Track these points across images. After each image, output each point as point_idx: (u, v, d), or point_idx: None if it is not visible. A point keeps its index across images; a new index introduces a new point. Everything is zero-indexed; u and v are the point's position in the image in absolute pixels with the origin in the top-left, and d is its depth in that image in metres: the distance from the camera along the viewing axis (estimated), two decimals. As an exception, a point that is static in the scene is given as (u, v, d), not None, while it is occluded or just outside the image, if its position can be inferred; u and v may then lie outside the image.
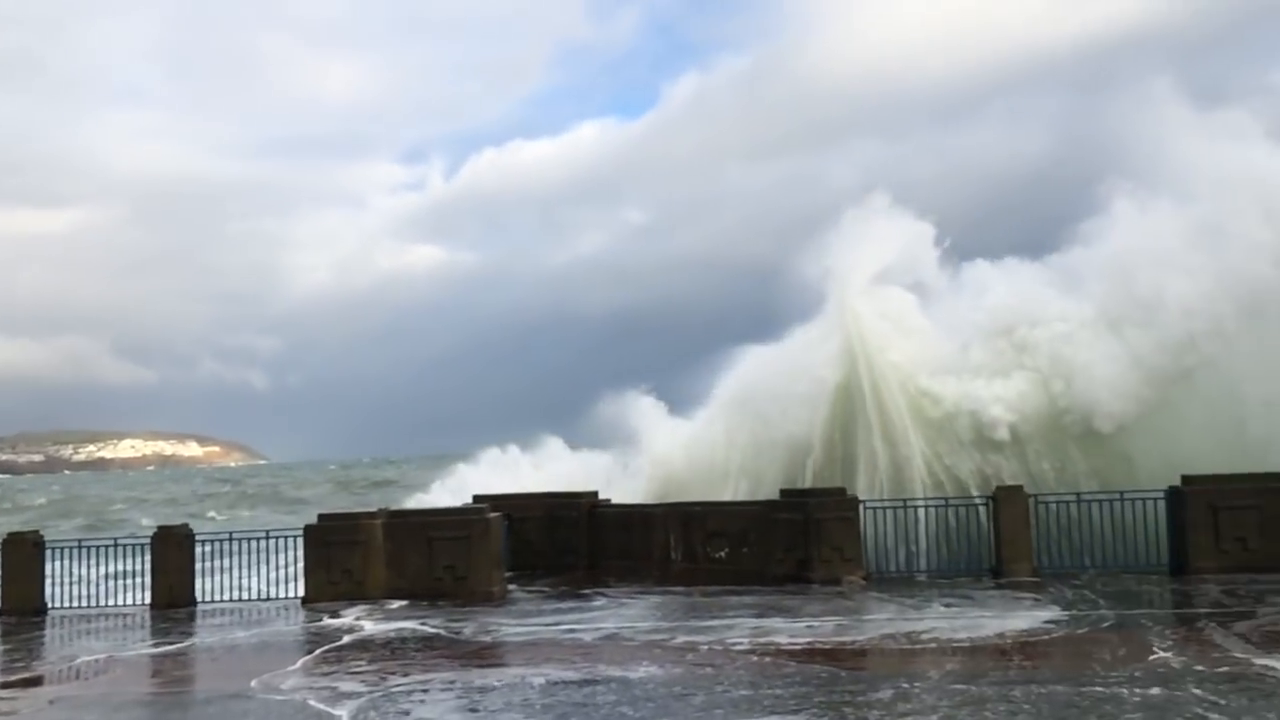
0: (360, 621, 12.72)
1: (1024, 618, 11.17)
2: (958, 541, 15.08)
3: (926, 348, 18.74)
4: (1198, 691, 7.66)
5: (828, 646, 10.10)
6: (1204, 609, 11.31)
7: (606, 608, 13.13)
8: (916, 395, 18.02)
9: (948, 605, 12.28)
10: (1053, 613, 11.37)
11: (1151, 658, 8.89)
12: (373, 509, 16.35)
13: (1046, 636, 10.20)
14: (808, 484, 16.86)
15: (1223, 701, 7.36)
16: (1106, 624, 10.65)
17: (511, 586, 15.14)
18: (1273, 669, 8.26)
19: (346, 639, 11.59)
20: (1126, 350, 17.02)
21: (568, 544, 17.14)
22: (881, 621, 11.38)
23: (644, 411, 22.28)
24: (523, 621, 12.29)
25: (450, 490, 22.89)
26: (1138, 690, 7.77)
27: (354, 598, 14.24)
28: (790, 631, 10.87)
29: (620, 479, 21.06)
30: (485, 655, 10.59)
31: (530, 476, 22.32)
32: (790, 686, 8.41)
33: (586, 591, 14.62)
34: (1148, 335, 16.97)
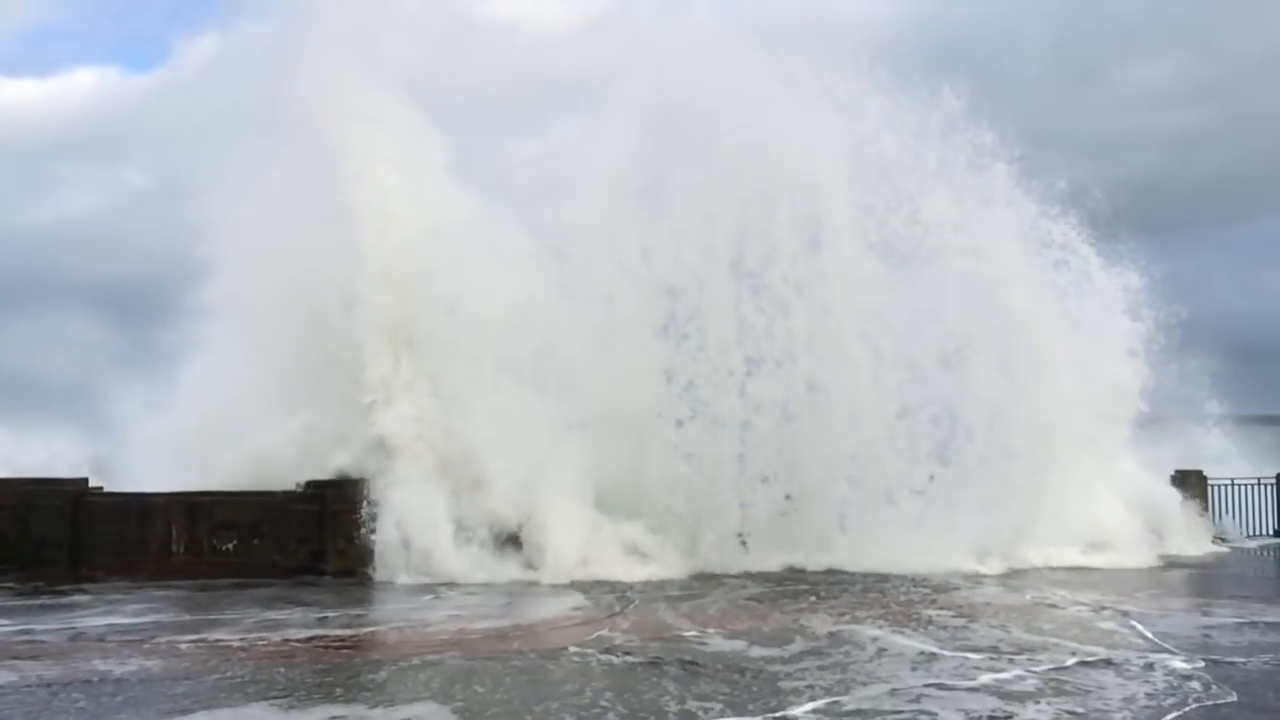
0: None
1: (551, 605, 11.83)
2: None
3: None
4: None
5: (334, 636, 10.11)
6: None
7: (91, 605, 11.94)
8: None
9: (469, 594, 12.77)
10: (577, 600, 12.21)
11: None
12: None
13: (569, 623, 10.83)
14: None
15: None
16: (621, 607, 11.63)
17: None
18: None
19: None
20: None
21: (47, 537, 15.34)
22: (391, 611, 11.61)
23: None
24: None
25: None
26: (602, 657, 8.80)
27: None
28: (302, 623, 10.70)
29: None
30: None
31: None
32: (290, 673, 8.35)
33: (66, 588, 13.21)
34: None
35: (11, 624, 10.69)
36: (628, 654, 8.98)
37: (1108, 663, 8.50)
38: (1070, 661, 8.54)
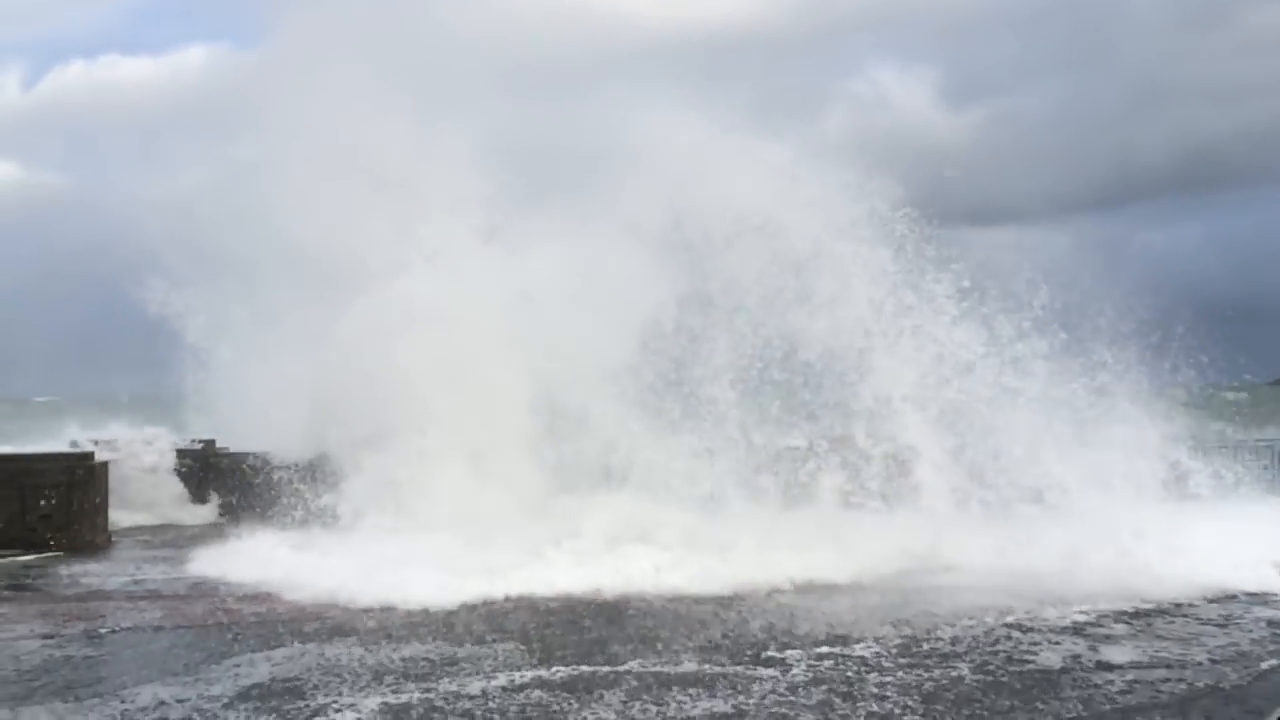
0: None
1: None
2: None
3: None
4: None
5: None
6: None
7: (209, 558, 12.28)
8: None
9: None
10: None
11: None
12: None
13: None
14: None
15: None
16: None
17: (120, 539, 14.56)
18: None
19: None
20: None
21: (185, 492, 16.70)
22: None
23: None
24: (126, 570, 12.00)
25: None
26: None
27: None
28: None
29: None
30: (89, 600, 10.23)
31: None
32: (383, 617, 9.06)
33: (206, 540, 14.19)
34: None
35: (168, 573, 11.73)
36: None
37: None
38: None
